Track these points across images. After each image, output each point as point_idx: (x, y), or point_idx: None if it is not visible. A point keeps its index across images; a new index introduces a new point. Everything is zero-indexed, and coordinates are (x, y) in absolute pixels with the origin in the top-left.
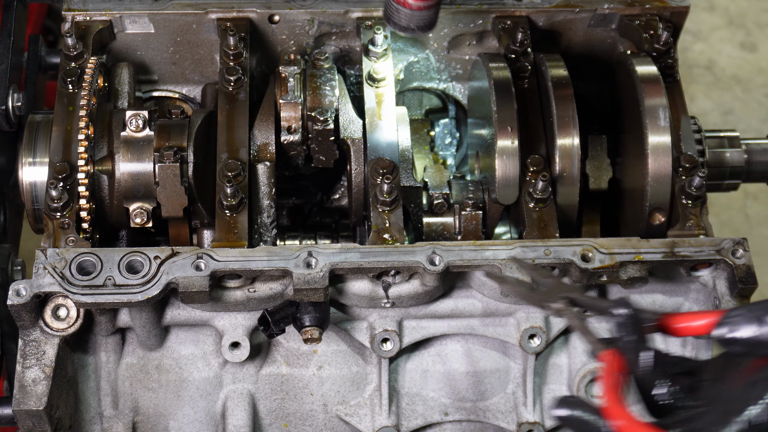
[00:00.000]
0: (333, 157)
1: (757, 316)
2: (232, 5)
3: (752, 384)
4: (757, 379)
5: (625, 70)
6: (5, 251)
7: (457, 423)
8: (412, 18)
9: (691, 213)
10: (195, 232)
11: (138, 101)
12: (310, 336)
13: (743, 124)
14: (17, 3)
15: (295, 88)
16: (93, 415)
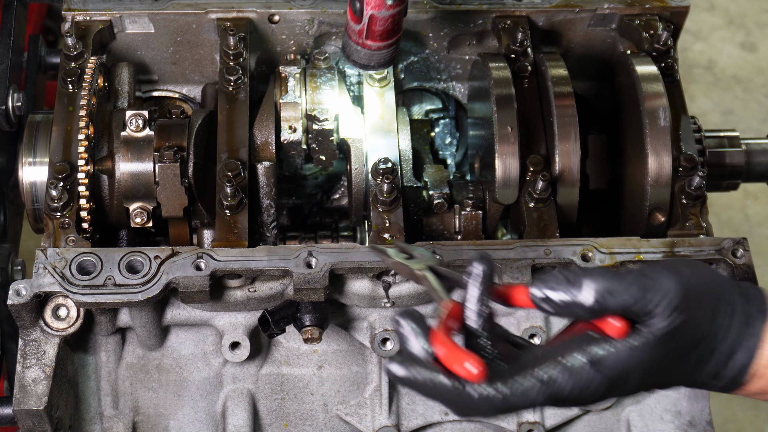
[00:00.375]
0: (333, 157)
1: (568, 278)
2: (232, 5)
3: (560, 346)
4: (565, 342)
5: (625, 70)
6: (5, 251)
7: (457, 423)
8: (372, 57)
9: (691, 213)
10: (195, 232)
11: (138, 101)
12: (310, 336)
13: (743, 124)
14: (17, 3)
15: (295, 88)
16: (93, 414)
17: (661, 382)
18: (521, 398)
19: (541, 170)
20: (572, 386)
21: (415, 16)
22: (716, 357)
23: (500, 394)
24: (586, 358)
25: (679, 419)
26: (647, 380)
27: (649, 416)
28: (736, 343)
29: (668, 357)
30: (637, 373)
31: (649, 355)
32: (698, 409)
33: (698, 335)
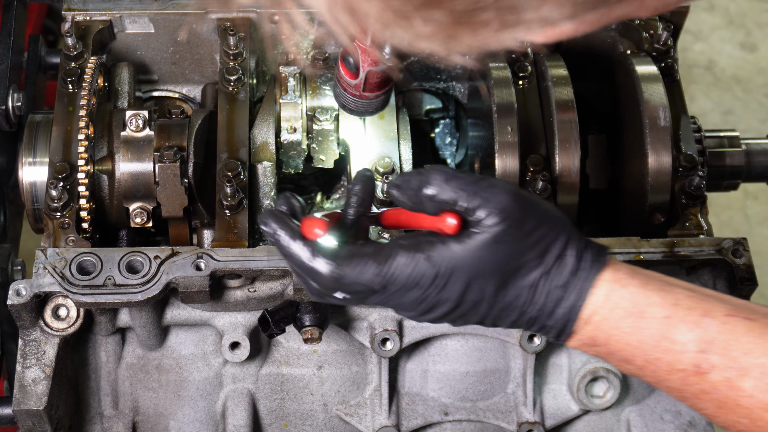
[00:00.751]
0: (333, 157)
1: (420, 172)
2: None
3: (403, 238)
4: (408, 236)
5: (625, 70)
6: (5, 251)
7: (457, 423)
8: (371, 105)
9: (691, 213)
10: (195, 232)
11: (138, 101)
12: (310, 336)
13: (743, 124)
14: (17, 3)
15: (295, 88)
16: (93, 415)
17: (492, 303)
18: (357, 275)
19: (541, 170)
20: (407, 275)
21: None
22: (543, 291)
23: (339, 267)
24: (422, 249)
25: (679, 419)
26: (476, 288)
27: (649, 416)
28: (567, 284)
29: (494, 266)
30: (464, 273)
31: (475, 256)
32: None
33: (525, 257)
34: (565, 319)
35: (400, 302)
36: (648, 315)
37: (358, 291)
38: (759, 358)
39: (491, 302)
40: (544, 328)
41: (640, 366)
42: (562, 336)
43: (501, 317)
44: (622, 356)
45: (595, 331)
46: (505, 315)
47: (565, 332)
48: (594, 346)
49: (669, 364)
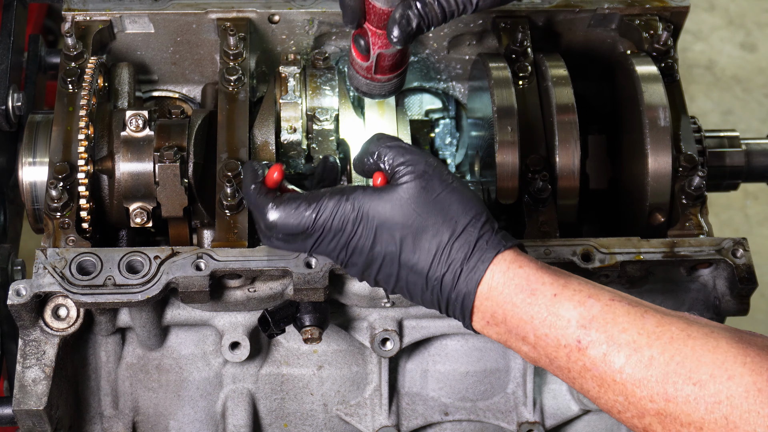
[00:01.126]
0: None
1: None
2: (232, 5)
3: (338, 188)
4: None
5: (625, 70)
6: (5, 251)
7: (457, 423)
8: (384, 87)
9: (691, 213)
10: (195, 232)
11: (138, 101)
12: (310, 336)
13: (743, 124)
14: (17, 3)
15: (295, 88)
16: (93, 415)
17: (398, 259)
18: (289, 216)
19: (541, 170)
20: (333, 215)
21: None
22: (446, 258)
23: (276, 209)
24: (346, 193)
25: None
26: (385, 238)
27: None
28: (468, 256)
29: (403, 219)
30: (376, 218)
31: (387, 205)
32: None
33: (432, 219)
34: (466, 291)
35: (328, 248)
36: (539, 292)
37: (293, 233)
38: (633, 335)
39: (397, 257)
40: (449, 304)
41: (533, 344)
42: (465, 312)
43: (410, 282)
44: (518, 333)
45: (495, 306)
46: (413, 280)
47: (467, 307)
48: (495, 324)
49: (556, 339)
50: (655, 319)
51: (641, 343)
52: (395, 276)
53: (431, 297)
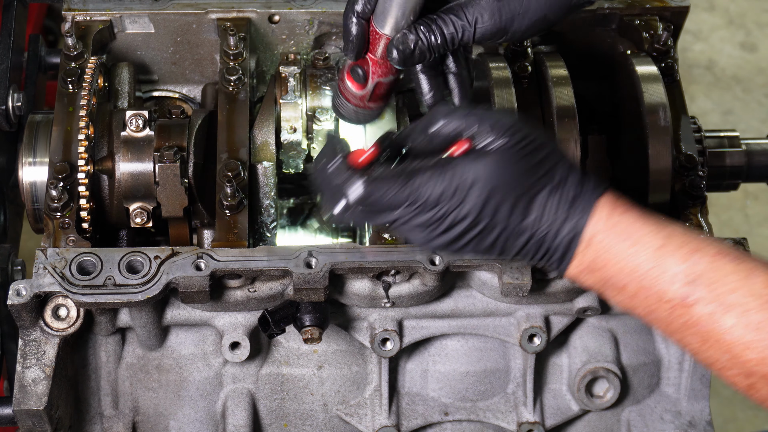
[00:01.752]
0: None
1: (425, 117)
2: (232, 5)
3: (426, 159)
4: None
5: (625, 70)
6: (5, 251)
7: (457, 423)
8: (371, 115)
9: (691, 213)
10: (195, 232)
11: (138, 101)
12: (310, 336)
13: (743, 124)
14: (17, 3)
15: (295, 88)
16: (93, 415)
17: (507, 221)
18: (393, 187)
19: None
20: (431, 189)
21: None
22: (552, 208)
23: (372, 179)
24: (443, 165)
25: (679, 419)
26: (492, 202)
27: (649, 416)
28: (573, 202)
29: (509, 181)
30: (483, 184)
31: (492, 169)
32: (698, 409)
33: (536, 173)
34: (570, 238)
35: (418, 220)
36: (642, 243)
37: (382, 208)
38: (742, 297)
39: (506, 219)
40: (548, 251)
41: (632, 294)
42: (565, 259)
43: (512, 238)
44: (616, 283)
45: (595, 254)
46: (516, 236)
47: (569, 254)
48: (592, 271)
49: (658, 294)
50: (761, 279)
51: (750, 306)
52: (494, 238)
53: (530, 248)
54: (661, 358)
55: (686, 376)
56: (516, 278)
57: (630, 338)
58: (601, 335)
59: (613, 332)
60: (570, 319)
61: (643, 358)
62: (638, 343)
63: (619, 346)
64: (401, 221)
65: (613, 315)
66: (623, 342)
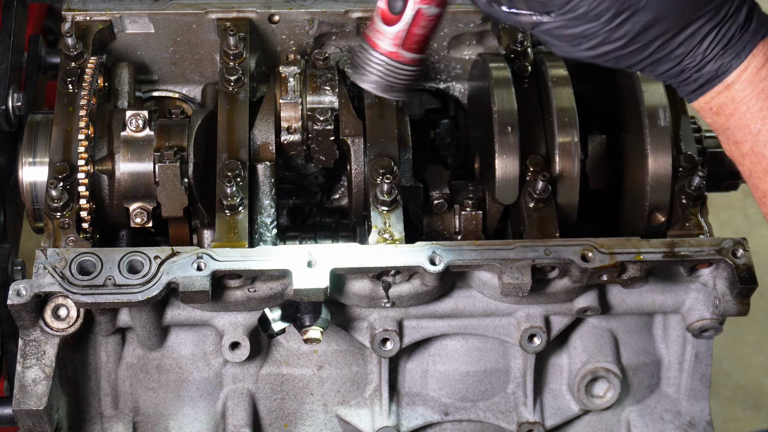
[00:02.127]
0: (333, 157)
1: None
2: (232, 5)
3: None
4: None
5: (626, 71)
6: (5, 251)
7: (457, 423)
8: (398, 74)
9: (691, 213)
10: (195, 232)
11: (138, 101)
12: (310, 336)
13: None
14: (17, 3)
15: (295, 88)
16: (93, 415)
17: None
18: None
19: (541, 170)
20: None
21: None
22: (708, 44)
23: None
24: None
25: (679, 419)
26: (647, 33)
27: (649, 416)
28: (730, 41)
29: (668, 9)
30: (644, 10)
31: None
32: (698, 409)
33: (688, 14)
34: (711, 76)
35: (568, 33)
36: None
37: (535, 7)
38: None
39: (658, 47)
40: (686, 80)
41: (743, 153)
42: (697, 92)
43: (656, 63)
44: (733, 135)
45: (728, 99)
46: (661, 62)
47: (704, 88)
48: (717, 114)
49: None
50: None
51: None
52: (639, 59)
53: (671, 73)
54: (661, 358)
55: (686, 376)
56: (516, 278)
57: (630, 338)
58: (601, 335)
59: (613, 332)
60: (570, 319)
61: (643, 358)
62: (638, 343)
63: (619, 346)
64: (548, 27)
65: (613, 315)
66: (623, 342)
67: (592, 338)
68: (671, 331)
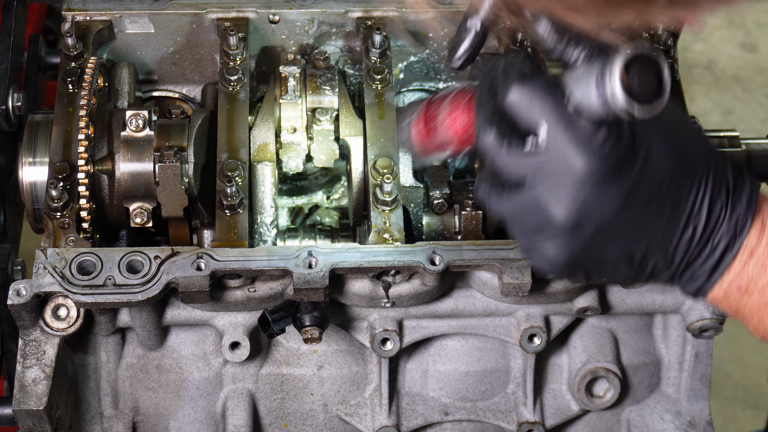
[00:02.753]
0: (333, 157)
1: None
2: (232, 5)
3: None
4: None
5: None
6: (5, 251)
7: (457, 423)
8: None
9: None
10: (195, 232)
11: (138, 101)
12: (310, 336)
13: (743, 124)
14: (17, 3)
15: (295, 88)
16: (93, 415)
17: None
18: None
19: None
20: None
21: (415, 16)
22: (711, 199)
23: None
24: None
25: (679, 419)
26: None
27: (649, 416)
28: (719, 224)
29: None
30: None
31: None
32: (698, 409)
33: (692, 166)
34: (731, 235)
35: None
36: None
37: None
38: None
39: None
40: (700, 255)
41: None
42: (719, 268)
43: (673, 222)
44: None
45: (758, 268)
46: (675, 221)
47: (725, 260)
48: (748, 293)
49: None
50: None
51: None
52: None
53: (683, 244)
54: (661, 358)
55: (686, 376)
56: (516, 278)
57: (630, 338)
58: (601, 335)
59: (613, 332)
60: (570, 319)
61: (643, 358)
62: (638, 343)
63: (619, 346)
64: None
65: (613, 315)
66: (623, 342)
67: (592, 338)
68: (671, 331)
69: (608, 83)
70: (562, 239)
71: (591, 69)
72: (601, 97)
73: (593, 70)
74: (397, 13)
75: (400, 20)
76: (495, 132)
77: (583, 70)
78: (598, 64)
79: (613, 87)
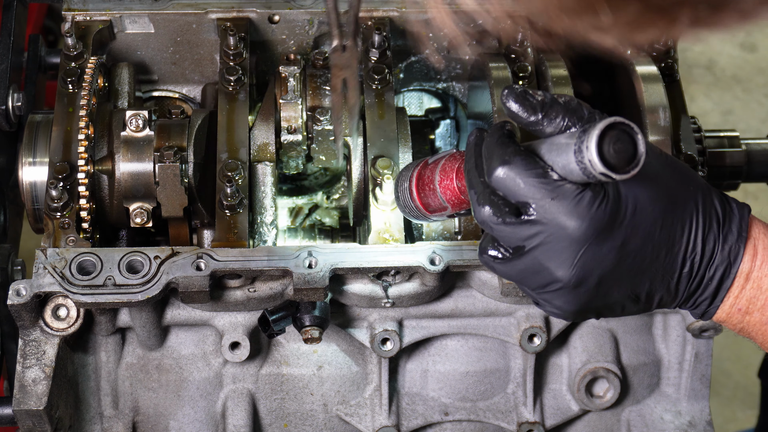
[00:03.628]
0: (333, 157)
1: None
2: (232, 5)
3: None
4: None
5: (625, 70)
6: (5, 251)
7: (457, 423)
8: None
9: None
10: (195, 232)
11: (138, 101)
12: (310, 336)
13: (743, 124)
14: (17, 3)
15: (295, 88)
16: (93, 415)
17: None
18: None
19: None
20: (598, 207)
21: (415, 16)
22: (702, 230)
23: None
24: (598, 185)
25: (679, 419)
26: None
27: (649, 416)
28: (714, 257)
29: (665, 204)
30: (647, 209)
31: (649, 188)
32: (698, 409)
33: (681, 201)
34: (726, 264)
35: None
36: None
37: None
38: None
39: (662, 248)
40: (700, 286)
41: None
42: (718, 297)
43: (671, 261)
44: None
45: (754, 290)
46: (672, 260)
47: (723, 288)
48: (749, 312)
49: None
50: None
51: None
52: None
53: (683, 278)
54: (661, 358)
55: (686, 376)
56: None
57: (630, 338)
58: (601, 335)
59: (613, 332)
60: None
61: (643, 358)
62: (638, 343)
63: (619, 346)
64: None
65: None
66: (623, 342)
67: (592, 338)
68: (671, 331)
69: (585, 153)
70: (568, 293)
71: (569, 140)
72: (581, 165)
73: (571, 142)
74: (397, 13)
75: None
76: (488, 209)
77: (562, 141)
78: (576, 135)
79: (591, 157)
